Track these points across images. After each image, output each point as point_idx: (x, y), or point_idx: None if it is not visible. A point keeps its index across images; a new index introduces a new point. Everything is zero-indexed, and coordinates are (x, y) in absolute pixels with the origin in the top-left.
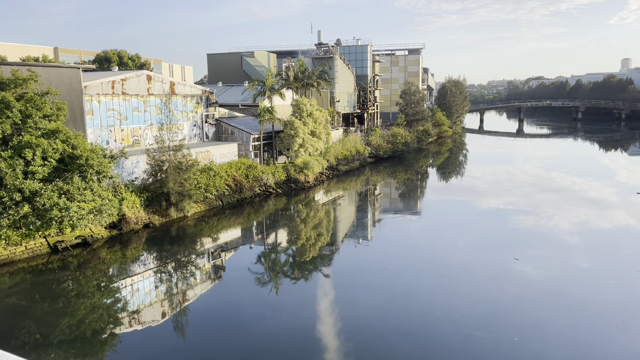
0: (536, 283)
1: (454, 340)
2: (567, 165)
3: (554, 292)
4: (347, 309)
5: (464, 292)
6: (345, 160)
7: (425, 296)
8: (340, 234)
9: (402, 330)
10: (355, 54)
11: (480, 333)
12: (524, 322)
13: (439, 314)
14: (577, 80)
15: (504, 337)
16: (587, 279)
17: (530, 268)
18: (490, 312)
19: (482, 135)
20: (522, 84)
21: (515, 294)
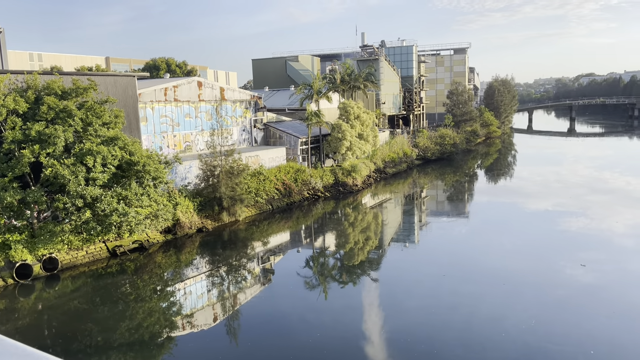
0: (600, 289)
1: (524, 353)
2: (621, 165)
3: (622, 300)
4: (400, 316)
5: (526, 301)
6: (392, 163)
7: (487, 305)
8: (388, 237)
9: (466, 342)
10: (400, 55)
11: (552, 345)
12: (597, 333)
13: (504, 324)
14: (632, 76)
15: (580, 350)
16: None
17: (593, 274)
18: (559, 321)
19: (531, 135)
20: (571, 81)
21: (580, 301)
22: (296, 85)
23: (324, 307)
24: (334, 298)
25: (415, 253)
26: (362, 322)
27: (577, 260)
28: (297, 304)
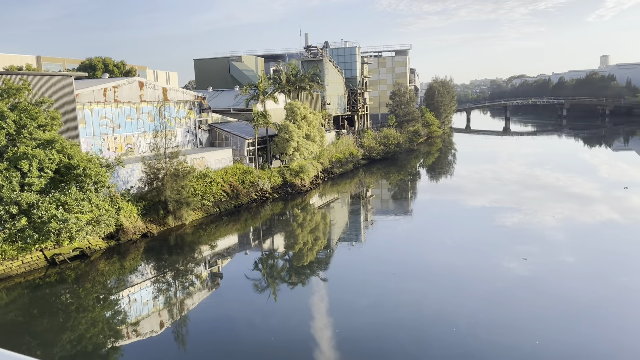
0: (538, 281)
1: (475, 346)
2: (552, 162)
3: (558, 291)
4: (351, 315)
5: (473, 295)
6: (339, 163)
7: (436, 301)
8: (336, 237)
9: (418, 339)
10: (343, 56)
11: (501, 338)
12: (540, 324)
13: (455, 319)
14: (560, 77)
15: (527, 342)
16: (592, 277)
17: (531, 267)
18: (505, 314)
19: (470, 134)
20: (504, 82)
21: (523, 293)
22: (240, 85)
23: (273, 310)
24: (284, 300)
25: (362, 252)
26: (313, 324)
27: (515, 254)
28: (246, 308)
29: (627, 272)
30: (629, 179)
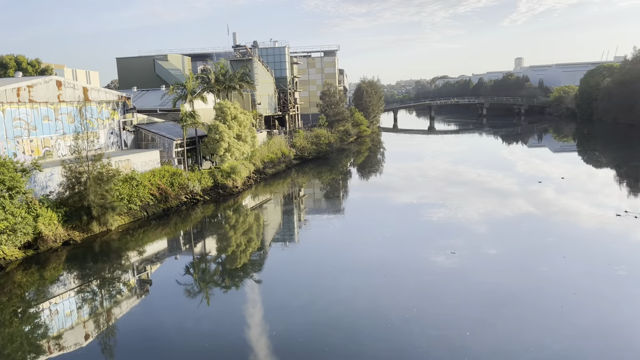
0: (466, 274)
1: (409, 341)
2: (473, 159)
3: (484, 282)
4: (287, 316)
5: (406, 290)
6: (271, 163)
7: (371, 297)
8: (269, 238)
9: (356, 336)
10: (273, 56)
11: (434, 331)
12: (470, 314)
13: (390, 315)
14: (480, 78)
15: (458, 332)
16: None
17: (457, 260)
18: (437, 307)
19: (397, 133)
20: (429, 83)
21: (452, 286)
22: (167, 85)
23: (206, 314)
24: (217, 304)
25: (296, 252)
26: (248, 327)
27: (442, 248)
28: (178, 314)
29: (545, 262)
30: (543, 174)
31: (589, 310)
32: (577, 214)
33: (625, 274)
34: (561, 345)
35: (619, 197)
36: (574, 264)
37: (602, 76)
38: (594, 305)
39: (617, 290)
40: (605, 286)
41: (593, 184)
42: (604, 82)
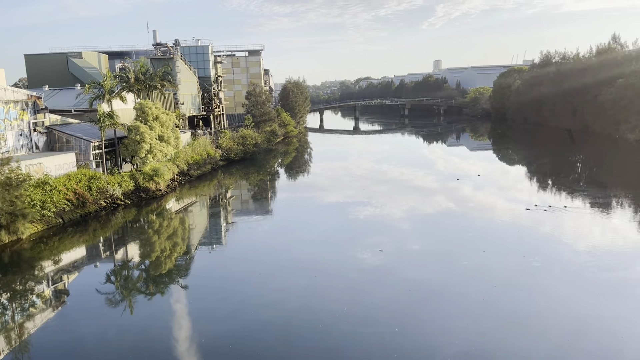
0: (393, 270)
1: (340, 340)
2: (396, 158)
3: (417, 278)
4: (217, 321)
5: (336, 288)
6: (196, 165)
7: (303, 298)
8: (196, 241)
9: (287, 339)
10: (196, 54)
11: (364, 329)
12: (398, 311)
13: (320, 315)
14: (401, 80)
15: (387, 329)
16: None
17: (384, 257)
18: (367, 305)
19: (324, 133)
20: (353, 84)
21: (380, 283)
22: (82, 84)
23: (130, 324)
24: (141, 312)
25: (224, 255)
26: (175, 335)
27: (369, 245)
28: (98, 324)
29: (467, 256)
30: (461, 171)
31: (508, 301)
32: (493, 209)
33: (539, 265)
34: (484, 337)
35: (529, 192)
36: (492, 257)
37: (513, 78)
38: (512, 296)
39: (533, 281)
40: (522, 277)
41: (506, 180)
42: (515, 84)
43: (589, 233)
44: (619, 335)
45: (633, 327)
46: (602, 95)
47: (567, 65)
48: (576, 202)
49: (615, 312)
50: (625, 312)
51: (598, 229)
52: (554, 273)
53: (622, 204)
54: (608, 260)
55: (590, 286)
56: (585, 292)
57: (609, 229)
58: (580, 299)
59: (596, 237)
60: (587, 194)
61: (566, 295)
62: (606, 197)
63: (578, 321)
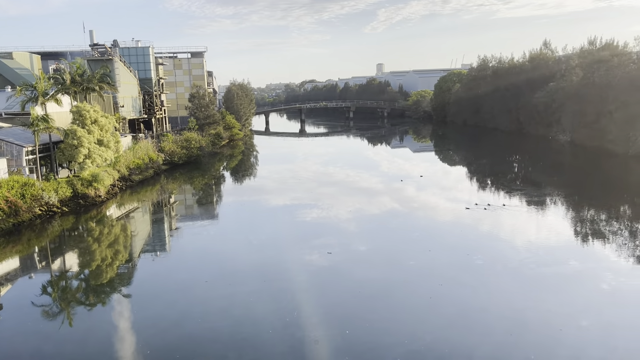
0: (340, 271)
1: (291, 345)
2: (342, 160)
3: (365, 278)
4: (165, 331)
5: (285, 293)
6: (138, 170)
7: (251, 304)
8: (138, 249)
9: (238, 346)
10: (136, 56)
11: (314, 332)
12: (348, 313)
13: (271, 320)
14: (345, 82)
15: (338, 332)
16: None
17: (332, 259)
18: (317, 308)
19: (270, 136)
20: (298, 87)
21: (330, 285)
22: (13, 86)
23: (68, 337)
24: (81, 324)
25: (168, 262)
26: (118, 347)
27: (316, 247)
28: (35, 338)
29: (413, 256)
30: (405, 172)
31: (454, 299)
32: (436, 208)
33: (482, 263)
34: (432, 335)
35: (470, 191)
36: (438, 256)
37: (453, 82)
38: (458, 294)
39: (477, 278)
40: (467, 275)
41: (448, 180)
42: (454, 87)
43: (527, 230)
44: (557, 328)
45: (570, 319)
46: (536, 98)
47: (502, 70)
48: (514, 200)
49: (553, 306)
50: (562, 306)
51: (535, 226)
52: (496, 270)
53: (555, 201)
54: (545, 256)
55: (530, 282)
56: (525, 287)
57: (544, 225)
58: (521, 295)
59: (533, 234)
60: (524, 192)
61: (508, 291)
62: (541, 195)
63: (520, 316)
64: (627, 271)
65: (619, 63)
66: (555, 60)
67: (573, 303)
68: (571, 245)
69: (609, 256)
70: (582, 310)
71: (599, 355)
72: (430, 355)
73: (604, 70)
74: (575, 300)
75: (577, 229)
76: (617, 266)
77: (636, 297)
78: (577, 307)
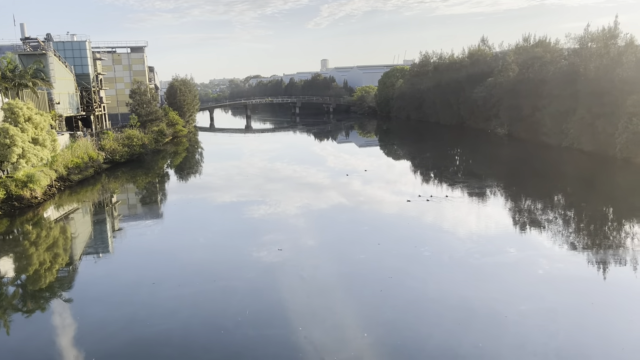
0: (289, 268)
1: (245, 345)
2: (289, 156)
3: (315, 274)
4: (105, 336)
5: (236, 292)
6: (77, 169)
7: (202, 305)
8: (79, 251)
9: (186, 349)
10: (72, 50)
11: (268, 330)
12: (300, 310)
13: (223, 321)
14: (291, 78)
15: (292, 329)
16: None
17: (283, 255)
18: (270, 307)
19: (215, 133)
20: (242, 82)
21: (284, 284)
22: None
23: (5, 346)
24: (19, 332)
25: (112, 263)
26: (60, 355)
27: (265, 243)
28: None
29: (363, 249)
30: (351, 167)
31: (405, 291)
32: (382, 202)
33: (429, 254)
34: (384, 327)
35: (414, 185)
36: (387, 249)
37: (396, 77)
38: (408, 286)
39: (425, 270)
40: (415, 267)
41: (393, 174)
42: (398, 83)
43: (470, 221)
44: (503, 315)
45: (514, 306)
46: (475, 93)
47: (443, 65)
48: (456, 192)
49: (498, 294)
50: (506, 294)
51: (477, 217)
52: (443, 261)
53: (494, 192)
54: (488, 246)
55: (476, 271)
56: (471, 277)
57: (485, 216)
58: (468, 284)
59: (476, 225)
60: (465, 184)
61: (456, 282)
62: (482, 187)
63: (467, 305)
64: (561, 257)
65: (552, 59)
66: (492, 57)
67: (515, 290)
68: (511, 235)
69: (545, 244)
70: (524, 297)
71: (541, 340)
72: (383, 347)
73: (537, 66)
74: (517, 288)
75: (515, 218)
76: (552, 253)
77: (571, 283)
78: (520, 295)
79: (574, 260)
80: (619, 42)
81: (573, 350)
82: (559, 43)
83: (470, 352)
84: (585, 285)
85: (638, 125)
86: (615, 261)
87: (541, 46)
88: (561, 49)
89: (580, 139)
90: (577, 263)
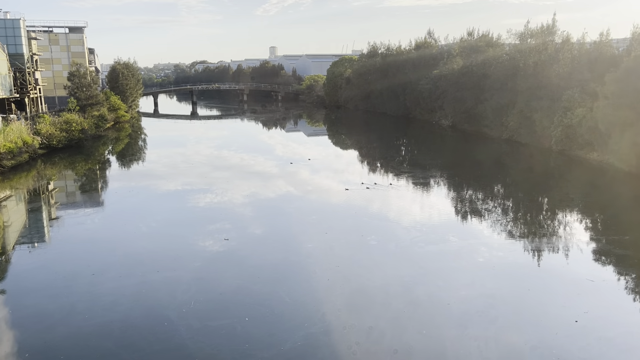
0: (237, 258)
1: (190, 336)
2: (236, 144)
3: (263, 263)
4: (42, 331)
5: (180, 282)
6: (10, 154)
7: (145, 296)
8: (12, 241)
9: (127, 341)
10: (4, 29)
11: (214, 322)
12: (246, 300)
13: (167, 312)
14: (238, 65)
15: (237, 320)
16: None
17: (228, 244)
18: (215, 297)
19: (159, 118)
20: (188, 67)
21: (230, 274)
22: None
23: None
24: None
25: (48, 254)
26: None
27: (211, 233)
28: None
29: (310, 239)
30: (299, 156)
31: (352, 279)
32: (329, 190)
33: (375, 243)
34: (331, 316)
35: (360, 174)
36: (334, 238)
37: (344, 67)
38: (355, 274)
39: (372, 258)
40: (362, 256)
41: (340, 163)
42: (346, 72)
43: (415, 210)
44: (446, 302)
45: (456, 292)
46: (421, 85)
47: (391, 57)
48: (401, 181)
49: (442, 281)
50: (449, 281)
51: (421, 206)
52: (389, 249)
53: (438, 182)
54: (431, 235)
55: (420, 259)
56: (416, 265)
57: (429, 204)
58: (413, 272)
59: (420, 213)
60: (410, 174)
61: (401, 270)
62: (426, 177)
63: (413, 293)
64: (500, 245)
65: (494, 54)
66: (438, 49)
67: (458, 278)
68: (453, 223)
69: (485, 232)
70: (465, 284)
71: (483, 326)
72: (329, 336)
73: (480, 60)
74: (459, 275)
75: (457, 207)
76: (492, 241)
77: (510, 270)
78: (462, 282)
79: (511, 248)
80: (556, 39)
81: (511, 334)
82: (501, 38)
83: (415, 338)
84: (522, 271)
85: (572, 119)
86: (549, 249)
87: (484, 41)
88: (503, 44)
89: (519, 132)
90: (515, 251)
